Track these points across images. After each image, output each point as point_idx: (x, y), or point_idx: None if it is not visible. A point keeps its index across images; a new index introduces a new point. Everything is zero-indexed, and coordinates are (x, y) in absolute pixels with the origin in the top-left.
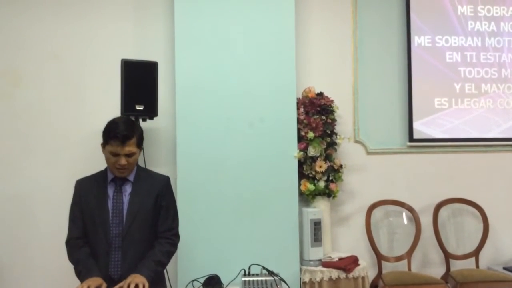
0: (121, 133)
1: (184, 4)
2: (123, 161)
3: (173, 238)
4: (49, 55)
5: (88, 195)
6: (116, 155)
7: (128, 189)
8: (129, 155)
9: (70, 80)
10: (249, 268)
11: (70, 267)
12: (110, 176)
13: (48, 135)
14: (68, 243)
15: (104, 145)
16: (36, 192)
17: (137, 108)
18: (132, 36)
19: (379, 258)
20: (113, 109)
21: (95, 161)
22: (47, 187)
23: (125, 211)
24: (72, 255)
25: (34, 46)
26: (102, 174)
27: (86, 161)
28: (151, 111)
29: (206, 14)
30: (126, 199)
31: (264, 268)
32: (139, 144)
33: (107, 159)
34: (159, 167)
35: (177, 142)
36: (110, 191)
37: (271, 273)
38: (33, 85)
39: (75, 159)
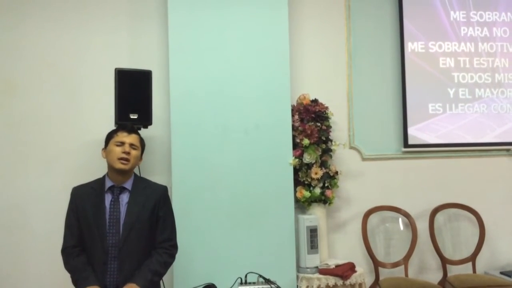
0: (128, 125)
1: (178, 12)
2: (127, 147)
3: (171, 249)
4: (44, 64)
5: (85, 203)
6: (121, 144)
7: (125, 198)
8: (132, 146)
9: (65, 89)
10: (246, 276)
11: (66, 276)
12: (107, 184)
13: (43, 144)
14: (64, 251)
15: (108, 141)
16: (31, 201)
17: (132, 117)
18: (126, 45)
19: (376, 264)
20: (108, 118)
21: (90, 169)
22: (42, 196)
23: (122, 221)
24: (69, 263)
25: (29, 55)
26: (99, 182)
27: (81, 170)
28: (146, 120)
29: (200, 23)
30: (123, 208)
31: (260, 276)
32: (141, 147)
33: (110, 152)
34: (154, 176)
35: (172, 150)
36: (107, 200)
37: (267, 281)
38: (28, 94)
39: (71, 168)
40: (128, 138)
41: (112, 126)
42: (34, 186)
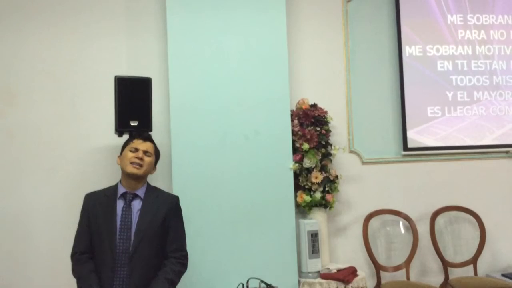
0: (144, 133)
1: (177, 18)
2: (140, 154)
3: (183, 259)
4: (42, 73)
5: (96, 209)
6: (135, 150)
7: (137, 205)
8: (146, 153)
9: (64, 97)
10: (247, 282)
11: (67, 284)
12: (120, 191)
13: (43, 153)
14: (73, 257)
15: (123, 148)
16: (31, 210)
17: (132, 124)
18: (125, 52)
19: (378, 268)
20: (108, 126)
21: (91, 177)
22: (42, 206)
23: (133, 228)
24: (75, 270)
25: (26, 63)
26: (112, 189)
27: (81, 178)
28: (146, 127)
29: (199, 28)
30: (135, 216)
31: (262, 281)
32: (156, 156)
33: (124, 157)
34: (155, 182)
35: (172, 156)
36: (119, 207)
37: (269, 286)
38: (26, 103)
39: (71, 177)
40: (143, 145)
41: (112, 134)
42: (34, 195)
